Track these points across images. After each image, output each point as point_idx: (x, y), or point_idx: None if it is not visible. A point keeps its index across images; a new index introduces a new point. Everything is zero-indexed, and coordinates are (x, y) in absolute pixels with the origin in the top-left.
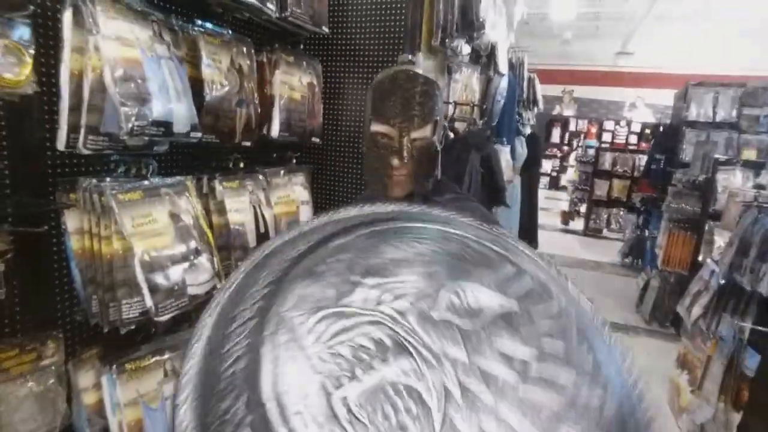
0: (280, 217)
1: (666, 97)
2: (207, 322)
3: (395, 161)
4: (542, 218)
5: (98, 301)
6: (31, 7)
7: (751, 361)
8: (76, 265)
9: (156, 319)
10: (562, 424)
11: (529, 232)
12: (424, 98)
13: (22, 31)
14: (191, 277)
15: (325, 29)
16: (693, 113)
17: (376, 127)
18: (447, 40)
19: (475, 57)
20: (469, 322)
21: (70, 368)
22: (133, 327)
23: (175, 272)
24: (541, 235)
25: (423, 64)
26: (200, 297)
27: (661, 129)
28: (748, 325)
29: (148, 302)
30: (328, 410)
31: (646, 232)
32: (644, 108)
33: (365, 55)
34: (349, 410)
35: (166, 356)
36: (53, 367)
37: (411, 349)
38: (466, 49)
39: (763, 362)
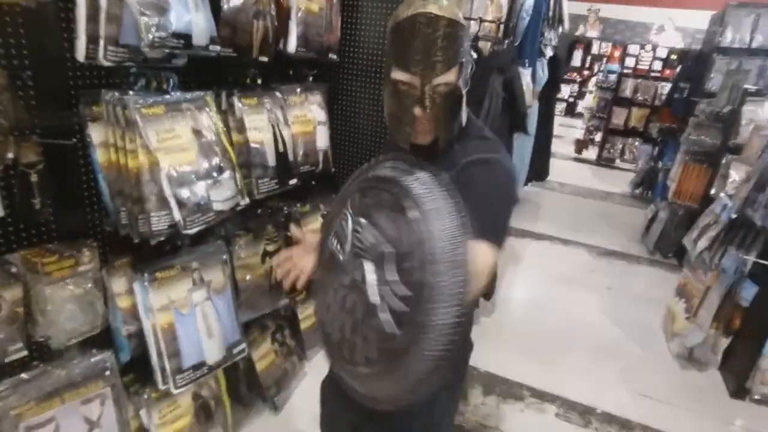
0: (298, 136)
1: (699, 20)
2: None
3: (417, 110)
4: (555, 146)
5: (127, 213)
6: None
7: (747, 292)
8: (103, 177)
9: (184, 232)
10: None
11: (541, 160)
12: (447, 41)
13: None
14: (216, 193)
15: None
16: (728, 38)
17: (397, 75)
18: None
19: None
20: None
21: (104, 275)
22: (162, 239)
23: (201, 188)
24: (553, 164)
25: None
26: (225, 213)
27: (690, 55)
28: (752, 258)
29: (177, 216)
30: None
31: (660, 164)
32: (673, 31)
33: None
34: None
35: (194, 266)
36: (90, 273)
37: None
38: None
39: (761, 293)
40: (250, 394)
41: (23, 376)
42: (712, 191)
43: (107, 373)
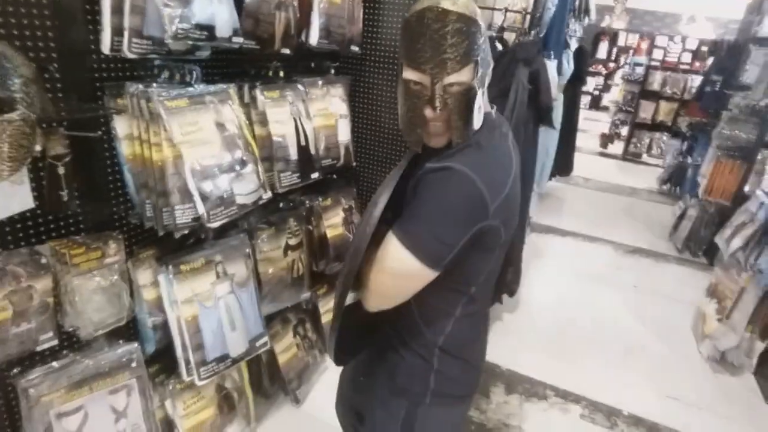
0: (319, 130)
1: (733, 10)
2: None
3: (428, 111)
4: (580, 140)
5: (152, 206)
6: None
7: None
8: (128, 170)
9: (208, 225)
10: None
11: (565, 154)
12: (458, 37)
13: None
14: (239, 187)
15: None
16: (765, 28)
17: (407, 74)
18: None
19: None
20: None
21: (130, 266)
22: (186, 232)
23: (224, 181)
24: (578, 159)
25: None
26: (248, 207)
27: (724, 46)
28: None
29: (200, 209)
30: None
31: (689, 159)
32: (704, 22)
33: None
34: None
35: (217, 259)
36: (116, 265)
37: None
38: None
39: None
40: (273, 386)
41: (54, 364)
42: (746, 188)
43: (133, 364)
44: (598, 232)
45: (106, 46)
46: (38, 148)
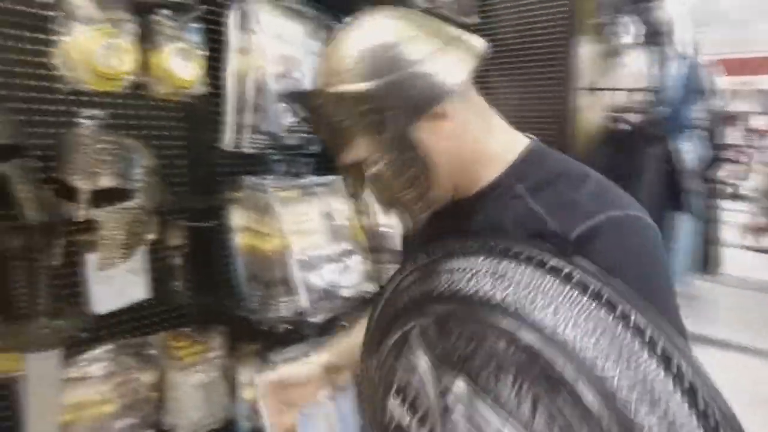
0: None
1: None
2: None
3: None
4: (722, 232)
5: (259, 298)
6: (200, 8)
7: None
8: (240, 261)
9: (310, 319)
10: None
11: (706, 248)
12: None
13: (193, 34)
14: (344, 279)
15: (475, 19)
16: None
17: None
18: (615, 16)
19: (647, 37)
20: None
21: (232, 362)
22: (289, 327)
23: (329, 272)
24: (724, 253)
25: (586, 50)
26: (352, 300)
27: None
28: None
29: (304, 302)
30: None
31: None
32: None
33: (519, 46)
34: None
35: None
36: (218, 360)
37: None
38: (633, 30)
39: None
40: None
41: None
42: None
43: None
44: (763, 344)
45: (228, 143)
46: (152, 236)
